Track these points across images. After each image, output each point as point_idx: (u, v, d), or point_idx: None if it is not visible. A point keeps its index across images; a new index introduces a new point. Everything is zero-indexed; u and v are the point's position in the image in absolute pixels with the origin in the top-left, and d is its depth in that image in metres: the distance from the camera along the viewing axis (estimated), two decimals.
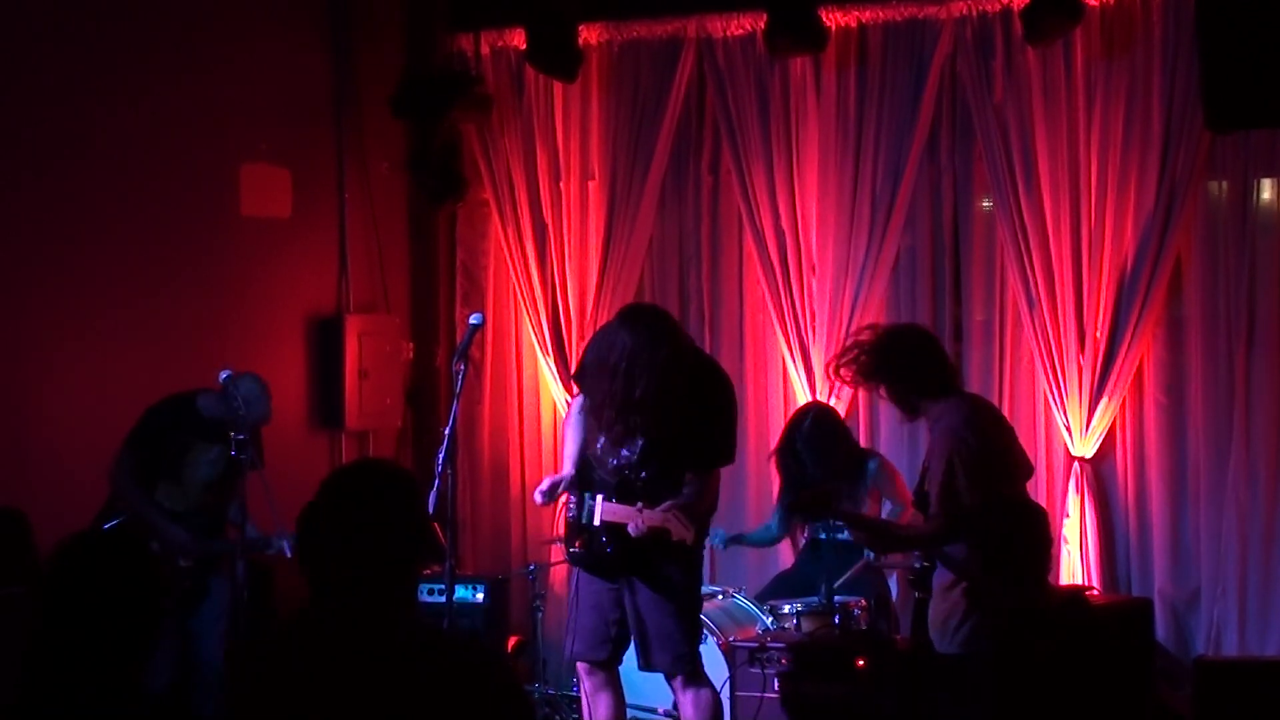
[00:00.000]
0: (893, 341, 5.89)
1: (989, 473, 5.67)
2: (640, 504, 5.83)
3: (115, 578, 3.16)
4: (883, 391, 5.96)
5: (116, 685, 3.14)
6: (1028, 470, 6.13)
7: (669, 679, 6.08)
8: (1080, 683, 5.92)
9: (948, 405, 5.78)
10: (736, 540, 7.85)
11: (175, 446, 6.87)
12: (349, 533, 3.18)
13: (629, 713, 6.39)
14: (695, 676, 6.03)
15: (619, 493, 5.93)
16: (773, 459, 7.73)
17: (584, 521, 5.97)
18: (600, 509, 5.93)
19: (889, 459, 7.68)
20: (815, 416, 7.60)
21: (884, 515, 7.40)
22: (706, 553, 8.14)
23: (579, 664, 6.18)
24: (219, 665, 6.59)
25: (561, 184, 8.93)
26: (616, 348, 5.75)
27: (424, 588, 7.64)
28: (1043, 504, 7.67)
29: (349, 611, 3.17)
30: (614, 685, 6.15)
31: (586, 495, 5.99)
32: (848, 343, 6.14)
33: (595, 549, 5.96)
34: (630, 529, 5.82)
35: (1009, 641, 5.53)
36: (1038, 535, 5.89)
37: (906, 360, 5.83)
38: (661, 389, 5.71)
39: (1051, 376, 7.98)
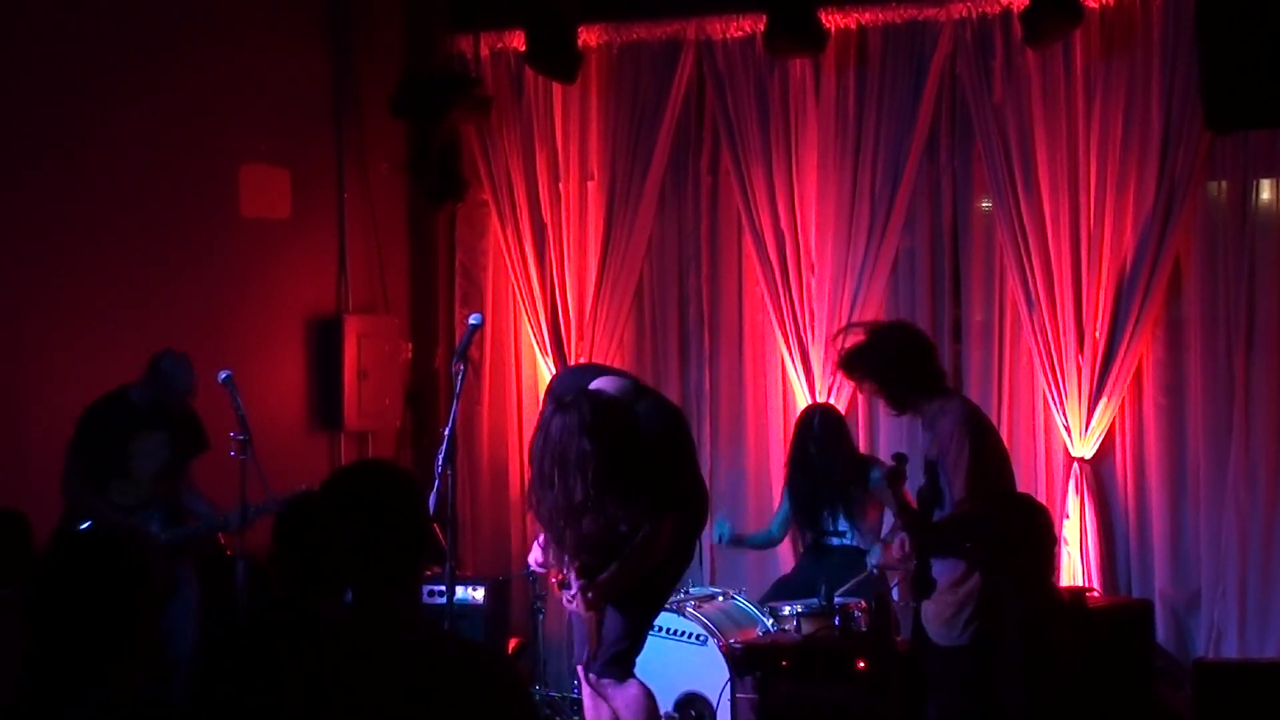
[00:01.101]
0: (879, 341, 5.92)
1: (1000, 465, 5.78)
2: (577, 587, 5.80)
3: (104, 575, 3.15)
4: (870, 387, 6.02)
5: (113, 682, 3.13)
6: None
7: (600, 676, 6.04)
8: (1081, 684, 5.92)
9: (948, 402, 5.82)
10: (739, 541, 7.83)
11: (116, 441, 6.88)
12: (349, 534, 3.18)
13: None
14: (627, 675, 6.02)
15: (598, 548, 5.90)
16: (785, 472, 7.74)
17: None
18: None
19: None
20: (822, 415, 7.65)
21: (884, 528, 7.41)
22: (707, 553, 8.18)
23: (580, 667, 6.18)
24: (191, 661, 6.59)
25: (561, 185, 8.93)
26: (547, 452, 5.63)
27: (424, 589, 7.64)
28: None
29: (350, 613, 3.16)
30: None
31: None
32: (840, 344, 6.13)
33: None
34: (564, 600, 5.88)
35: (1030, 631, 5.55)
36: (1042, 531, 5.91)
37: (894, 359, 5.86)
38: (596, 480, 5.58)
39: (1051, 377, 7.99)
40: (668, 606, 7.13)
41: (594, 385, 5.80)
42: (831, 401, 8.12)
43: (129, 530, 6.50)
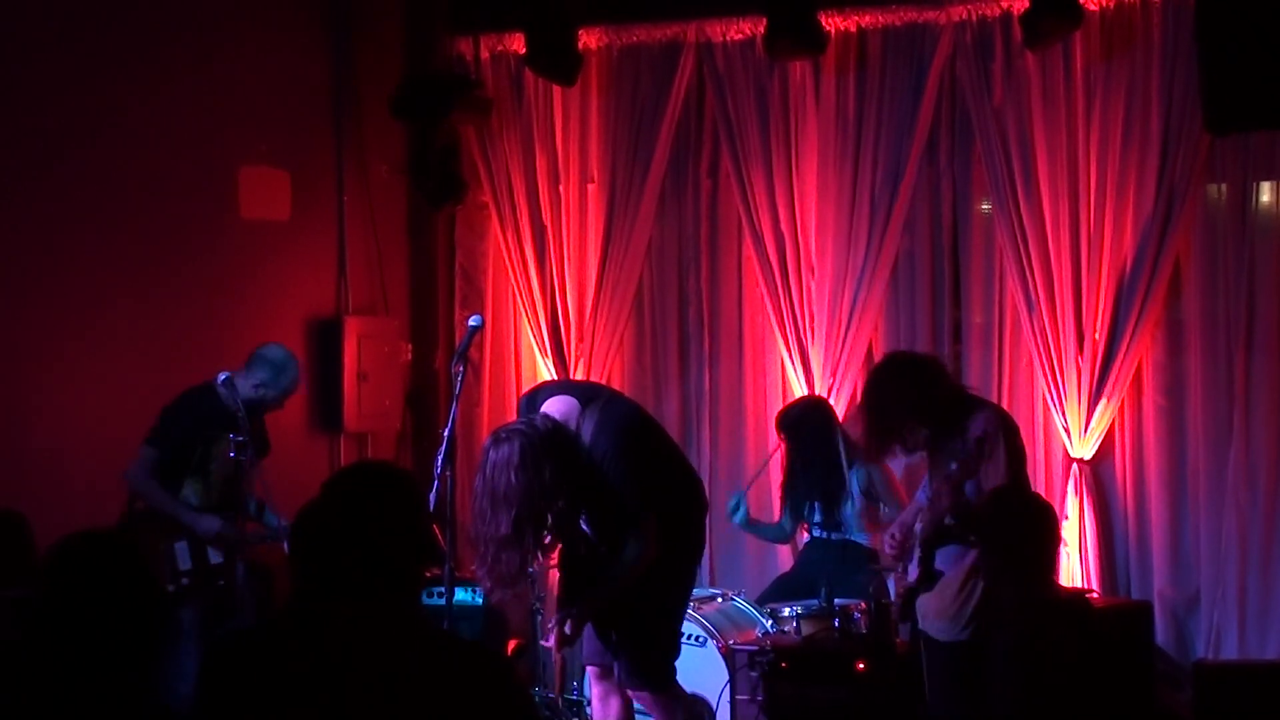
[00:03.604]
0: (886, 380, 5.97)
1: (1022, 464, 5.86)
2: (556, 618, 5.85)
3: (107, 582, 3.15)
4: (908, 426, 6.01)
5: (116, 690, 3.13)
6: None
7: (632, 690, 6.06)
8: (1080, 685, 5.92)
9: (987, 408, 5.91)
10: (753, 525, 7.85)
11: (202, 440, 6.83)
12: (349, 536, 3.18)
13: (637, 717, 6.38)
14: (661, 688, 6.01)
15: (586, 563, 5.95)
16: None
17: None
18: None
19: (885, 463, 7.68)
20: (805, 406, 7.71)
21: (883, 518, 7.42)
22: (707, 554, 8.18)
23: (588, 668, 6.18)
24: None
25: (561, 187, 8.93)
26: (483, 487, 5.65)
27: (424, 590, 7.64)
28: None
29: (349, 614, 3.16)
30: (622, 689, 6.14)
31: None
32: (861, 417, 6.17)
33: None
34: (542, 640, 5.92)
35: (1025, 630, 5.55)
36: (1047, 530, 5.92)
37: (913, 391, 5.89)
38: (526, 513, 5.61)
39: (1050, 378, 7.99)
40: None
41: (543, 408, 5.81)
42: (829, 400, 8.14)
43: (179, 527, 6.55)
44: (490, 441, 5.71)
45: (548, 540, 5.79)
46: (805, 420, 7.64)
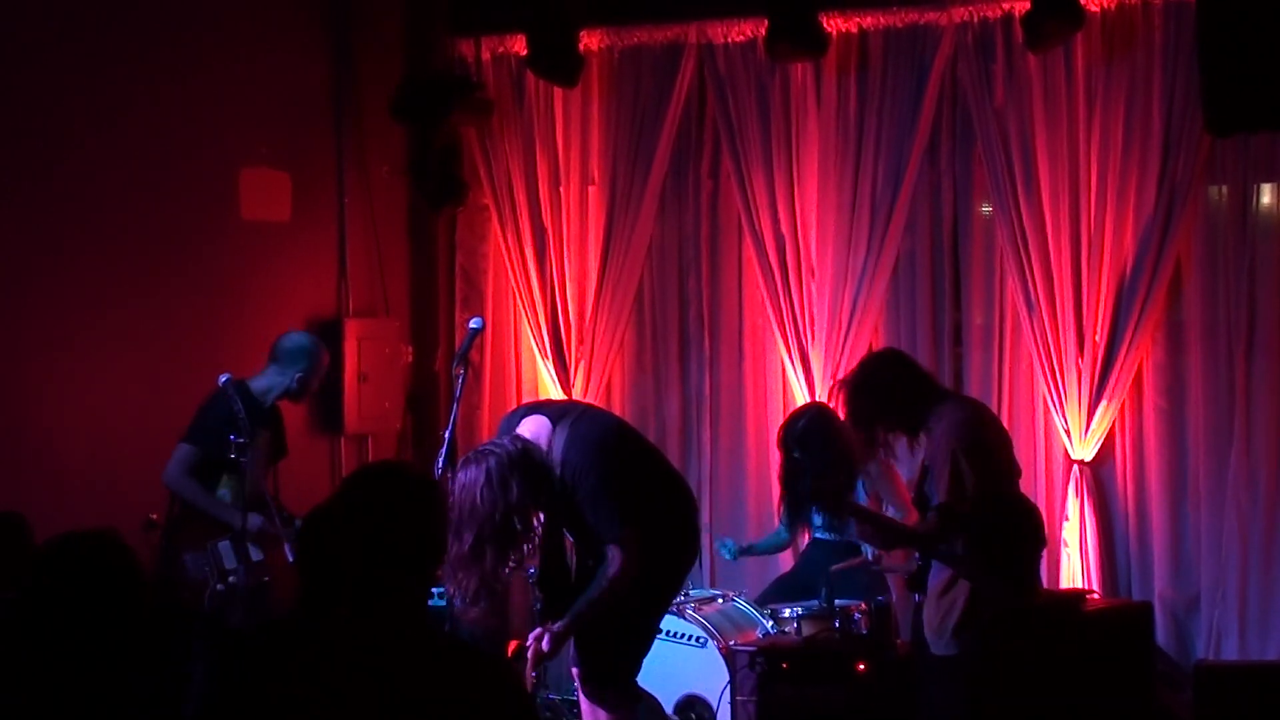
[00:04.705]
0: (863, 381, 5.98)
1: (990, 467, 5.77)
2: (532, 636, 5.82)
3: (96, 580, 3.15)
4: (887, 424, 6.03)
5: (108, 688, 3.13)
6: (1018, 472, 6.22)
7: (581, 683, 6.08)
8: (1079, 687, 5.92)
9: (946, 406, 5.86)
10: (747, 551, 7.86)
11: (241, 434, 6.82)
12: (359, 538, 3.18)
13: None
14: (599, 696, 5.99)
15: (578, 576, 5.98)
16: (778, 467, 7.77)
17: None
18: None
19: (890, 461, 7.66)
20: (811, 415, 7.62)
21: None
22: (706, 555, 8.19)
23: (574, 670, 6.17)
24: None
25: (561, 189, 8.93)
26: (453, 505, 5.65)
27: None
28: (1041, 507, 7.72)
29: (349, 615, 3.16)
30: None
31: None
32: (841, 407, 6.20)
33: None
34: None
35: (993, 639, 5.55)
36: (1031, 533, 5.92)
37: (884, 392, 5.91)
38: (493, 534, 5.62)
39: (1051, 380, 7.99)
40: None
41: (518, 429, 5.80)
42: (830, 404, 8.12)
43: (220, 524, 6.57)
44: (460, 463, 5.73)
45: (513, 563, 5.76)
46: (811, 432, 7.55)
